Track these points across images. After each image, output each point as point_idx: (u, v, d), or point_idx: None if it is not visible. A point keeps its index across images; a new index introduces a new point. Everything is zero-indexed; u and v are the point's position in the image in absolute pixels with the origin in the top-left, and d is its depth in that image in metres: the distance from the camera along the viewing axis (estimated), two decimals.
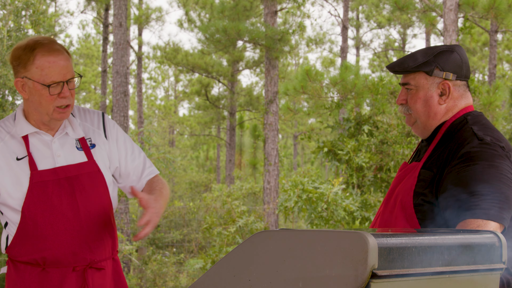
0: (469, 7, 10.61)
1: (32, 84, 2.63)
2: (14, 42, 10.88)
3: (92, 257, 2.71)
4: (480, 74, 28.26)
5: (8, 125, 2.74)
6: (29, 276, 2.67)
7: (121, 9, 14.06)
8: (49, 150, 2.71)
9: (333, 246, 1.63)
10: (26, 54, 2.63)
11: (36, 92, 2.64)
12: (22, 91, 2.68)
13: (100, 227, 2.73)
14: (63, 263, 2.66)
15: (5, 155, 2.67)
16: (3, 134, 2.71)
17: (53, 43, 2.66)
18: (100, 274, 2.74)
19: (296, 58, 34.25)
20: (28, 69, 2.63)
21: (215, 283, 1.81)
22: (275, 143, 14.27)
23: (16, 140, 2.70)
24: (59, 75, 2.62)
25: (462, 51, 2.54)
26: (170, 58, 24.37)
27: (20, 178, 2.65)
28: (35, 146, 2.70)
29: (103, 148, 2.81)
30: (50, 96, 2.63)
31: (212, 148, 35.04)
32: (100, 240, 2.74)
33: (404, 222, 2.45)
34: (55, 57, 2.63)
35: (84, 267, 2.69)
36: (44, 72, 2.61)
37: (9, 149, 2.68)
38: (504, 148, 2.38)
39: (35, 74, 2.62)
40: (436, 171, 2.42)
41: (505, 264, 1.96)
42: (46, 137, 2.72)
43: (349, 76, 10.65)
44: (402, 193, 2.48)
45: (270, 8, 14.34)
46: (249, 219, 11.28)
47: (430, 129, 2.56)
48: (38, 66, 2.61)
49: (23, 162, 2.67)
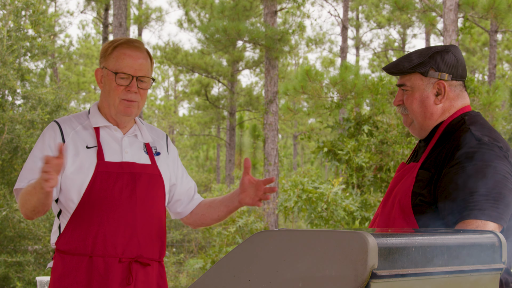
0: (469, 7, 10.62)
1: (106, 73, 2.81)
2: (14, 42, 10.88)
3: (139, 252, 2.76)
4: (480, 74, 28.27)
5: (80, 118, 2.87)
6: (76, 265, 2.71)
7: (121, 9, 14.06)
8: (118, 145, 2.83)
9: (333, 246, 1.63)
10: (110, 47, 2.83)
11: (107, 81, 2.81)
12: (99, 82, 2.85)
13: (152, 227, 2.81)
14: (110, 253, 2.72)
15: (75, 142, 2.78)
16: (75, 124, 2.84)
17: (136, 41, 2.86)
18: (145, 271, 2.79)
19: (296, 58, 34.26)
20: (107, 59, 2.81)
21: (215, 283, 1.81)
22: (275, 143, 14.27)
23: (88, 132, 2.82)
24: (130, 69, 2.78)
25: (457, 51, 2.55)
26: (170, 58, 24.38)
27: (87, 165, 2.74)
28: (105, 139, 2.82)
29: (165, 159, 2.94)
30: (117, 86, 2.78)
31: (212, 148, 35.05)
32: (150, 239, 2.81)
33: (402, 222, 2.46)
34: (131, 52, 2.80)
35: (130, 260, 2.74)
36: (118, 62, 2.78)
37: (80, 137, 2.80)
38: (502, 148, 2.38)
39: (110, 63, 2.80)
40: (434, 171, 2.42)
41: (505, 264, 1.97)
42: (117, 133, 2.85)
43: (349, 76, 10.66)
44: (400, 193, 2.49)
45: (270, 8, 14.35)
46: (249, 219, 11.28)
47: (427, 129, 2.56)
48: (114, 56, 2.79)
49: (92, 151, 2.78)
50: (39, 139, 2.82)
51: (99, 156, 2.76)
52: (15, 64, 11.19)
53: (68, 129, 2.80)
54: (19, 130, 10.65)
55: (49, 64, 12.75)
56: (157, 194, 2.84)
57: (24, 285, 10.49)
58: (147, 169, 2.83)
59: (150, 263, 2.80)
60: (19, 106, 11.37)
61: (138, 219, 2.76)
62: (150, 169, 2.84)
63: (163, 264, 2.93)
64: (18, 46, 11.00)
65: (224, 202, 3.00)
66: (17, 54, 11.09)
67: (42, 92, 11.09)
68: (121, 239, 2.73)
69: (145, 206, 2.78)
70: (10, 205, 10.41)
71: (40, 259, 11.08)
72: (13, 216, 10.57)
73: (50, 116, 10.92)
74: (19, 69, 11.20)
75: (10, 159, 10.92)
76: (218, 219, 3.03)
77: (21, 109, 11.13)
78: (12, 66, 10.91)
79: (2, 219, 10.48)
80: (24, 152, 10.81)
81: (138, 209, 2.76)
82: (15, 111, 11.03)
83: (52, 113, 11.08)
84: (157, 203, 2.84)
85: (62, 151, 2.48)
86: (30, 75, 11.56)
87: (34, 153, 2.79)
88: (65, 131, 2.80)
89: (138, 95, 2.80)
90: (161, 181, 2.86)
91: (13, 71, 10.86)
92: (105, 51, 2.84)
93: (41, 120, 10.82)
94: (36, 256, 11.00)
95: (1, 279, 10.58)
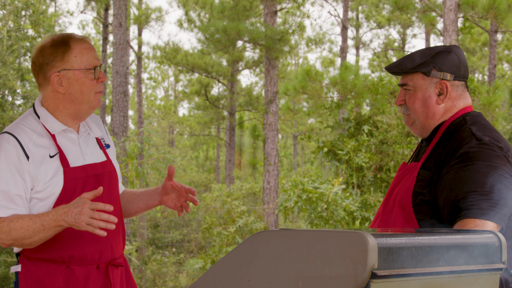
0: (468, 7, 10.61)
1: (73, 74, 2.68)
2: (13, 42, 10.88)
3: (113, 255, 2.77)
4: (479, 74, 28.26)
5: (30, 123, 2.72)
6: (54, 273, 2.67)
7: (120, 9, 14.05)
8: (77, 147, 2.75)
9: (333, 246, 1.63)
10: (60, 48, 2.69)
11: (77, 81, 2.69)
12: (58, 86, 2.69)
13: (118, 226, 2.77)
14: (88, 261, 2.69)
15: (38, 154, 2.65)
16: (30, 133, 2.69)
17: (79, 35, 2.75)
18: (118, 271, 2.80)
19: (296, 58, 34.25)
20: (66, 60, 2.68)
21: (215, 283, 1.81)
22: (275, 143, 14.27)
23: (44, 139, 2.70)
24: (96, 60, 2.72)
25: (460, 51, 2.55)
26: (170, 58, 24.37)
27: (54, 174, 2.65)
28: (64, 144, 2.73)
29: (113, 150, 2.91)
30: (92, 82, 2.69)
31: (211, 148, 35.04)
32: (118, 238, 2.81)
33: (403, 222, 2.46)
34: (88, 44, 2.73)
35: (106, 264, 2.74)
36: (84, 58, 2.69)
37: (39, 147, 2.67)
38: (502, 148, 2.39)
39: (75, 63, 2.68)
40: (435, 171, 2.43)
41: (504, 264, 1.97)
42: (72, 135, 2.76)
43: (349, 76, 10.66)
44: (401, 193, 2.49)
45: (270, 8, 14.34)
46: (249, 219, 11.28)
47: (429, 129, 2.57)
48: (76, 54, 2.68)
49: (55, 159, 2.68)
50: (1, 158, 2.62)
51: (63, 163, 2.67)
52: (15, 64, 11.19)
53: (26, 141, 2.65)
54: None
55: None
56: (116, 190, 2.82)
57: None
58: (106, 167, 2.78)
59: (122, 264, 2.80)
60: (19, 106, 11.38)
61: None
62: (108, 166, 2.80)
63: (125, 257, 2.91)
64: (18, 46, 11.00)
65: (144, 198, 2.97)
66: (17, 54, 11.09)
67: None
68: (97, 245, 2.70)
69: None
70: None
71: None
72: None
73: None
74: (19, 69, 11.21)
75: None
76: (135, 214, 3.00)
77: (21, 109, 11.13)
78: (12, 66, 10.92)
79: None
80: None
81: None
82: (15, 111, 11.03)
83: None
84: (117, 198, 2.83)
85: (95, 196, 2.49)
86: (30, 75, 11.57)
87: (0, 174, 2.60)
88: (24, 144, 2.64)
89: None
90: (117, 176, 2.83)
91: (13, 71, 10.87)
92: (55, 53, 2.68)
93: None
94: None
95: (1, 279, 10.58)
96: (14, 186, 2.60)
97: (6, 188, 2.60)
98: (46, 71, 2.69)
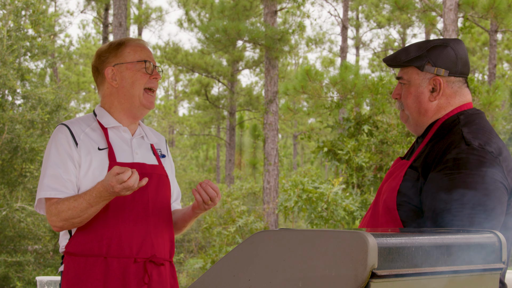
0: (468, 7, 10.62)
1: (125, 67, 2.82)
2: (14, 42, 10.88)
3: (153, 252, 2.78)
4: (480, 74, 28.27)
5: (87, 120, 2.86)
6: (91, 267, 2.71)
7: (121, 9, 14.06)
8: (127, 146, 2.83)
9: (333, 246, 1.63)
10: (115, 46, 2.85)
11: (129, 73, 2.81)
12: (112, 80, 2.83)
13: (163, 227, 2.83)
14: (125, 254, 2.73)
15: (86, 144, 2.77)
16: (83, 126, 2.82)
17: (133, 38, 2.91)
18: (158, 270, 2.80)
19: (296, 58, 34.26)
20: (120, 55, 2.83)
21: (215, 283, 1.81)
22: (275, 143, 14.27)
23: (97, 133, 2.82)
24: (150, 58, 2.85)
25: (458, 46, 2.44)
26: (170, 58, 24.38)
27: (100, 167, 2.74)
28: (115, 141, 2.82)
29: (170, 163, 2.99)
30: (144, 74, 2.81)
31: (211, 148, 35.05)
32: (162, 239, 2.83)
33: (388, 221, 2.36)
34: (143, 45, 2.88)
35: (144, 260, 2.76)
36: (137, 52, 2.83)
37: (90, 139, 2.79)
38: (492, 153, 2.28)
39: (128, 57, 2.82)
40: (422, 172, 2.34)
41: (505, 264, 1.96)
42: (126, 134, 2.86)
43: (349, 76, 10.66)
44: (387, 192, 2.41)
45: (270, 8, 14.35)
46: (249, 219, 11.29)
47: (422, 126, 2.47)
48: (130, 50, 2.83)
49: (103, 152, 2.78)
50: (52, 145, 2.78)
51: (110, 157, 2.76)
52: (15, 64, 11.19)
53: (78, 131, 2.79)
54: (19, 130, 10.65)
55: (49, 64, 12.76)
56: (166, 194, 2.87)
57: (24, 285, 10.49)
58: (156, 170, 2.85)
59: (163, 263, 2.82)
60: (19, 106, 11.38)
61: (151, 220, 2.78)
62: (159, 169, 2.86)
63: (173, 264, 2.96)
64: (18, 46, 11.00)
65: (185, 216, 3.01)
66: (17, 54, 11.09)
67: (42, 92, 11.09)
68: (136, 240, 2.74)
69: (156, 206, 2.81)
70: (10, 205, 10.41)
71: (40, 259, 11.09)
72: (13, 216, 10.57)
73: (50, 116, 10.92)
74: (19, 69, 11.21)
75: (10, 159, 10.92)
76: (180, 231, 3.06)
77: (21, 109, 11.14)
78: (12, 66, 10.91)
79: (2, 219, 10.48)
80: (24, 152, 10.81)
81: (151, 210, 2.78)
82: (15, 111, 11.03)
83: (52, 113, 11.08)
84: (166, 202, 2.87)
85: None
86: (30, 75, 11.57)
87: (52, 159, 2.75)
88: (75, 133, 2.78)
89: (157, 83, 2.86)
90: (168, 182, 2.89)
91: (13, 71, 10.87)
92: (110, 51, 2.84)
93: (41, 120, 10.83)
94: (36, 256, 11.01)
95: (1, 279, 10.58)
96: (65, 171, 2.72)
97: (56, 172, 2.72)
98: (101, 69, 2.84)
